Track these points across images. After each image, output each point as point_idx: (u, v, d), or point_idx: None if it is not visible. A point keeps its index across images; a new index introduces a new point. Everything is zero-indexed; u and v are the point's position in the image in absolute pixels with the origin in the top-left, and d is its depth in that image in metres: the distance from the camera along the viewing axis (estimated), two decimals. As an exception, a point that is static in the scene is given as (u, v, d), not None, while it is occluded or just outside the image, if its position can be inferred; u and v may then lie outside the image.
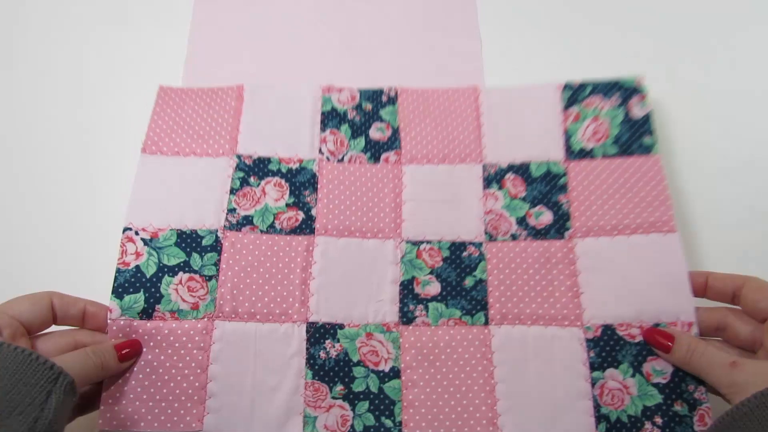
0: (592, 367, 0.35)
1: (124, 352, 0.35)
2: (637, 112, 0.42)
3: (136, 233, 0.39)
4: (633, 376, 0.35)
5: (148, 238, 0.39)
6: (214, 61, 0.49)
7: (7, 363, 0.28)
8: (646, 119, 0.41)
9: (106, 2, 0.52)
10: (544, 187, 0.41)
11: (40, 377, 0.28)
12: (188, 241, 0.39)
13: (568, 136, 0.42)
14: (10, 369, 0.28)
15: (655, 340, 0.35)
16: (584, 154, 0.41)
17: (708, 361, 0.32)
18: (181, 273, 0.38)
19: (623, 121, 0.42)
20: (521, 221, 0.40)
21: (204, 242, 0.39)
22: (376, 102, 0.45)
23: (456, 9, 0.51)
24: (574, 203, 0.40)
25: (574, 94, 0.43)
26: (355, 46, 0.50)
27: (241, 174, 0.41)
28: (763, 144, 0.45)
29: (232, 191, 0.41)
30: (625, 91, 0.43)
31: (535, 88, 0.44)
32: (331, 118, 0.44)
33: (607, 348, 0.36)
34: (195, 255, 0.38)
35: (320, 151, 0.43)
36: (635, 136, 0.41)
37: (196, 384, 0.36)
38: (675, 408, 0.34)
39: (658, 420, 0.34)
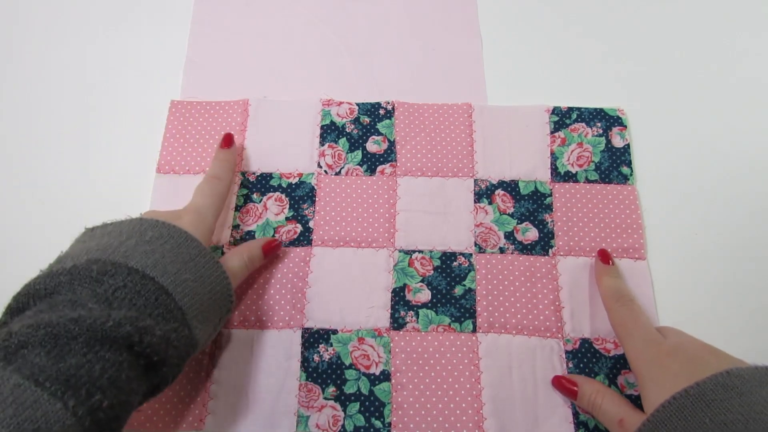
0: None
1: (267, 248, 0.39)
2: (617, 142, 0.45)
3: None
4: (608, 387, 0.37)
5: None
6: (215, 63, 0.49)
7: (214, 283, 0.33)
8: (625, 150, 0.45)
9: (106, 5, 0.52)
10: (532, 204, 0.43)
11: (224, 303, 0.34)
12: None
13: (554, 158, 0.45)
14: (215, 289, 0.33)
15: (563, 387, 0.36)
16: (569, 177, 0.44)
17: (603, 418, 0.34)
18: None
19: (604, 150, 0.45)
20: (509, 236, 0.42)
21: None
22: (373, 115, 0.46)
23: (456, 9, 0.52)
24: (558, 223, 0.43)
25: (561, 119, 0.46)
26: (355, 47, 0.50)
27: (245, 191, 0.43)
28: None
29: (237, 208, 0.43)
30: (607, 120, 0.46)
31: (526, 108, 0.47)
32: (330, 131, 0.45)
33: (584, 360, 0.38)
34: None
35: (319, 164, 0.44)
36: (614, 165, 0.44)
37: (200, 387, 0.37)
38: None
39: None
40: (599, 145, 0.45)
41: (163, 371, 0.29)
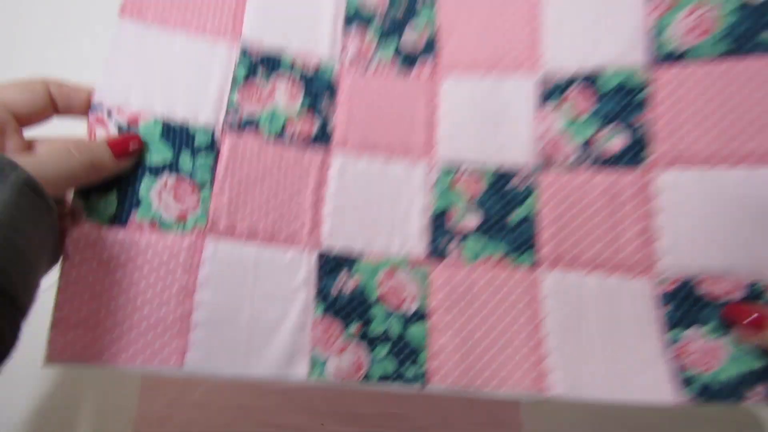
0: (671, 324, 0.29)
1: (120, 148, 0.29)
2: None
3: (109, 114, 0.31)
4: (725, 335, 0.28)
5: (125, 124, 0.31)
6: None
7: None
8: None
9: (112, 4, 0.47)
10: (618, 102, 0.33)
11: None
12: (177, 136, 0.32)
13: (656, 33, 0.33)
14: None
15: (742, 317, 0.28)
16: (677, 56, 0.32)
17: None
18: (166, 174, 0.31)
19: (738, 8, 0.31)
20: (585, 146, 0.32)
21: (197, 141, 0.32)
22: (410, 7, 0.36)
23: None
24: (659, 123, 0.32)
25: None
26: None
27: (247, 63, 0.34)
28: None
29: (234, 82, 0.33)
30: None
31: None
32: (357, 16, 0.36)
33: (684, 306, 0.29)
34: (185, 154, 0.31)
35: (341, 56, 0.35)
36: (754, 29, 0.31)
37: (178, 312, 0.29)
38: None
39: (762, 389, 0.27)
40: (731, 2, 0.31)
41: None
